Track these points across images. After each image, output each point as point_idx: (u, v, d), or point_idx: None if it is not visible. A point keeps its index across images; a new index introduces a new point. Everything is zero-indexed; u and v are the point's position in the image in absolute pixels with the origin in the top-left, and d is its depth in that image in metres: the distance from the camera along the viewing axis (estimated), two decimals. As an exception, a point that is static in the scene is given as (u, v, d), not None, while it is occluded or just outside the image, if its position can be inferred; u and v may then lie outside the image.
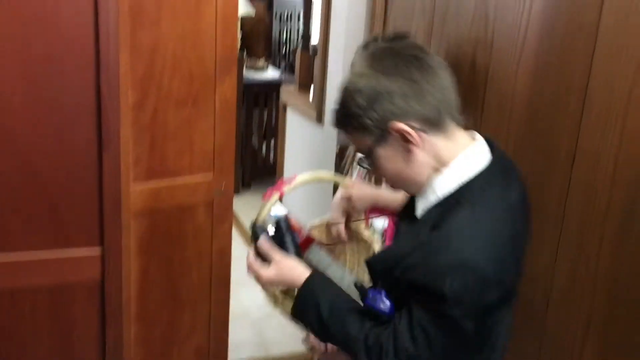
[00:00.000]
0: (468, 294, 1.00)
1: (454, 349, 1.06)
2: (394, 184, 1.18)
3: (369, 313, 1.14)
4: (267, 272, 1.28)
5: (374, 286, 1.18)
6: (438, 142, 1.09)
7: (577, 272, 1.55)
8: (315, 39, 3.42)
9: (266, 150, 5.19)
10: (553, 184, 1.59)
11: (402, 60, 1.07)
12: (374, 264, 1.20)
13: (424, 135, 1.07)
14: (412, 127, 1.05)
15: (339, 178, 1.80)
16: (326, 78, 2.94)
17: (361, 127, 1.09)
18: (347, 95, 1.10)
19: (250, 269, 1.31)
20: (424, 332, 1.04)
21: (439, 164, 1.10)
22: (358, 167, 2.01)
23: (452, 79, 1.11)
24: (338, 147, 2.72)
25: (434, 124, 1.07)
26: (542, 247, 1.61)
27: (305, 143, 3.41)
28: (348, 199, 1.82)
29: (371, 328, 1.13)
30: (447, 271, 1.01)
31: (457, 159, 1.09)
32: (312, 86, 3.47)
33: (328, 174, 1.77)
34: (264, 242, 1.30)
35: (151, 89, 1.80)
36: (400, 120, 1.05)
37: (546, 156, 1.61)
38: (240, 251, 2.04)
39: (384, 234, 1.94)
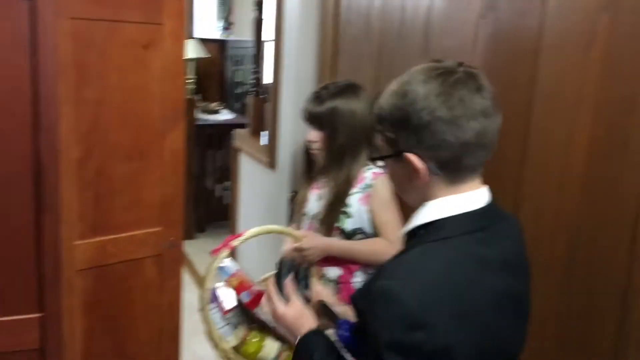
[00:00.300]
0: (392, 327, 0.96)
1: None
2: (395, 188, 1.18)
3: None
4: (285, 309, 1.30)
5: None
6: (441, 184, 1.06)
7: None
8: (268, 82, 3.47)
9: (221, 192, 5.15)
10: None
11: (450, 99, 1.01)
12: (355, 299, 1.17)
13: (432, 175, 1.04)
14: (425, 164, 1.03)
15: (288, 230, 1.80)
16: (278, 123, 2.95)
17: (382, 133, 1.07)
18: (386, 100, 1.06)
19: (270, 299, 1.33)
20: None
21: (431, 197, 1.07)
22: (308, 217, 2.00)
23: (494, 129, 1.06)
24: (291, 192, 2.72)
25: (449, 170, 1.04)
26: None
27: (259, 187, 3.40)
28: (299, 251, 1.82)
29: None
30: (375, 298, 0.99)
31: (445, 198, 1.06)
32: (264, 131, 3.48)
33: (277, 227, 1.78)
34: (289, 283, 1.32)
35: (96, 143, 1.77)
36: (417, 154, 1.03)
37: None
38: (195, 299, 1.99)
39: (338, 283, 1.92)
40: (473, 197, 1.07)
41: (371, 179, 1.88)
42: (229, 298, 1.75)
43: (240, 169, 3.71)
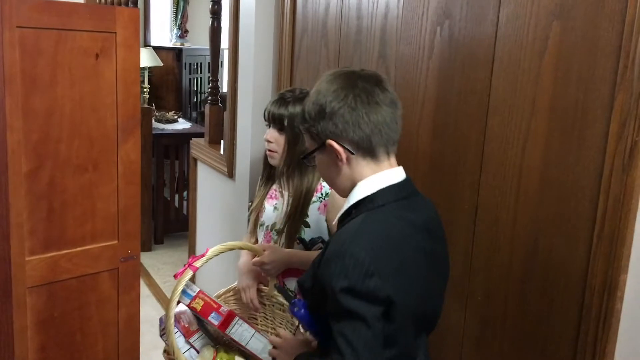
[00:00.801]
0: (349, 278, 1.10)
1: (371, 338, 1.11)
2: (327, 183, 1.35)
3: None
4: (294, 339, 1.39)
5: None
6: (362, 163, 1.24)
7: (485, 327, 1.58)
8: (224, 90, 3.42)
9: (179, 202, 5.07)
10: (459, 238, 1.63)
11: (353, 90, 1.22)
12: (303, 282, 1.30)
13: (351, 156, 1.23)
14: (343, 147, 1.22)
15: (249, 246, 1.77)
16: (236, 133, 2.92)
17: (308, 132, 1.27)
18: (307, 104, 1.27)
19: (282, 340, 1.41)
20: (344, 339, 1.11)
21: (358, 179, 1.25)
22: (264, 227, 1.98)
23: (396, 116, 1.25)
24: (250, 202, 2.69)
25: (363, 149, 1.23)
26: (450, 300, 1.64)
27: (217, 196, 3.35)
28: (260, 264, 1.79)
29: None
30: (330, 260, 1.14)
31: (370, 177, 1.24)
32: (222, 140, 3.43)
33: (239, 243, 1.75)
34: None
35: (48, 155, 1.71)
36: (336, 140, 1.22)
37: (450, 209, 1.65)
38: (153, 312, 1.94)
39: (297, 294, 1.91)
40: (393, 173, 1.26)
41: (328, 188, 1.86)
42: (191, 320, 1.71)
43: (198, 178, 3.66)
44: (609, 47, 1.27)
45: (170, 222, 4.91)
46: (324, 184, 1.86)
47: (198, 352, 1.67)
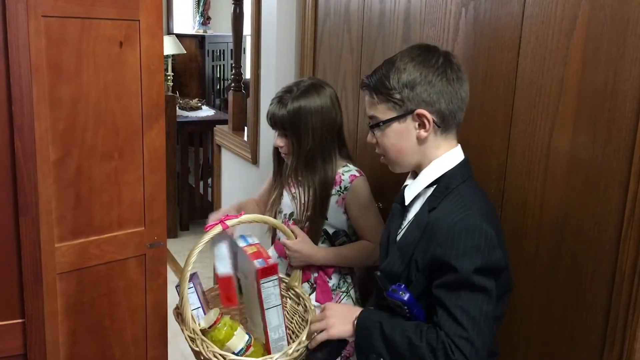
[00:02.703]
0: (480, 254, 1.17)
1: (490, 312, 1.19)
2: (387, 156, 1.36)
3: (391, 305, 1.28)
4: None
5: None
6: (438, 139, 1.31)
7: (513, 314, 1.57)
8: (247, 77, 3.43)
9: (204, 189, 5.11)
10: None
11: (449, 63, 1.29)
12: (390, 267, 1.33)
13: (436, 127, 1.29)
14: (432, 119, 1.27)
15: (283, 227, 1.73)
16: (259, 119, 2.92)
17: (389, 100, 1.29)
18: (392, 70, 1.29)
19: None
20: (463, 311, 1.16)
21: (429, 156, 1.32)
22: (281, 215, 1.97)
23: (468, 96, 1.33)
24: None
25: (446, 124, 1.30)
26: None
27: (242, 183, 3.37)
28: (285, 246, 1.78)
29: (426, 332, 1.21)
30: (458, 239, 1.17)
31: (443, 156, 1.31)
32: (245, 127, 3.44)
33: (273, 220, 1.70)
34: None
35: (74, 143, 1.73)
36: (427, 109, 1.27)
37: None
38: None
39: (313, 284, 1.90)
40: (459, 151, 1.35)
41: (348, 182, 1.85)
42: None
43: (222, 165, 3.68)
44: (639, 26, 1.23)
45: (195, 209, 4.96)
46: (344, 177, 1.84)
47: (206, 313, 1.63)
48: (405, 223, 1.38)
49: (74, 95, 1.71)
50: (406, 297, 1.26)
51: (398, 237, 1.38)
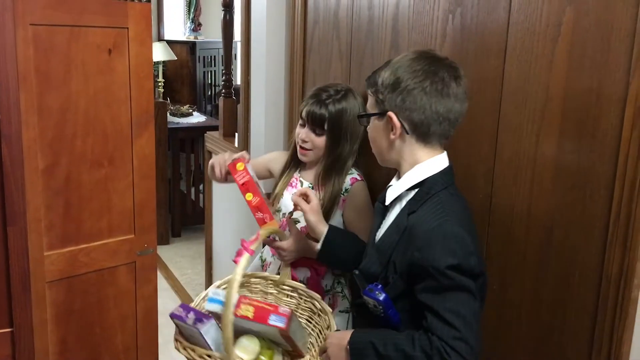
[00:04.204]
0: (457, 257, 1.19)
1: (477, 309, 1.23)
2: (372, 148, 1.42)
3: (367, 305, 1.31)
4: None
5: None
6: (415, 146, 1.33)
7: (501, 317, 1.57)
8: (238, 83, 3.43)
9: (195, 195, 5.10)
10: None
11: (434, 76, 1.29)
12: (368, 268, 1.37)
13: (405, 135, 1.32)
14: (401, 124, 1.30)
15: (279, 231, 1.73)
16: (249, 125, 2.93)
17: (375, 96, 1.35)
18: (385, 68, 1.33)
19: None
20: (452, 312, 1.18)
21: (409, 160, 1.34)
22: (279, 214, 1.97)
23: (462, 113, 1.35)
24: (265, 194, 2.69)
25: (419, 133, 1.32)
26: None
27: (233, 189, 3.36)
28: (279, 248, 1.75)
29: (419, 340, 1.22)
30: (436, 244, 1.20)
31: (426, 161, 1.34)
32: (236, 133, 3.44)
33: (273, 227, 1.68)
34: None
35: (63, 151, 1.74)
36: (397, 114, 1.30)
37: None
38: (172, 305, 1.95)
39: (306, 284, 1.86)
40: (443, 158, 1.37)
41: (349, 184, 1.86)
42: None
43: (213, 171, 3.67)
44: (623, 32, 1.24)
45: (187, 215, 4.95)
46: (345, 179, 1.87)
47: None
48: (385, 224, 1.40)
49: (63, 103, 1.71)
50: (382, 297, 1.28)
51: (377, 238, 1.40)
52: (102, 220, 1.85)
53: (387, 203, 1.39)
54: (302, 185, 1.94)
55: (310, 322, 1.67)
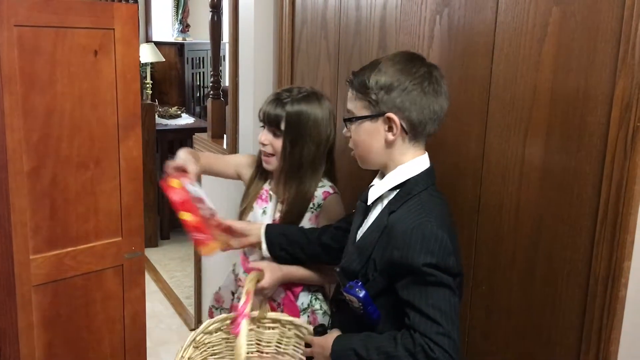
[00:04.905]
0: (436, 256, 1.20)
1: (457, 305, 1.23)
2: (356, 151, 1.40)
3: (347, 300, 1.33)
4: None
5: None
6: (406, 145, 1.35)
7: (490, 318, 1.58)
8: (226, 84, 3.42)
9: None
10: (462, 228, 1.62)
11: (428, 75, 1.32)
12: (348, 265, 1.37)
13: (403, 134, 1.32)
14: (401, 125, 1.30)
15: (251, 280, 1.60)
16: (238, 126, 2.92)
17: (366, 98, 1.33)
18: (375, 70, 1.32)
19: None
20: (434, 308, 1.18)
21: (395, 160, 1.35)
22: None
23: (446, 110, 1.36)
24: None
25: (414, 132, 1.33)
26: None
27: (222, 190, 3.35)
28: (261, 290, 1.66)
29: (401, 339, 1.22)
30: (409, 239, 1.22)
31: (409, 162, 1.35)
32: (225, 134, 3.43)
33: (254, 275, 1.61)
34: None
35: (49, 153, 1.72)
36: (397, 115, 1.30)
37: (452, 199, 1.64)
38: (160, 307, 1.94)
39: (280, 304, 1.80)
40: (425, 158, 1.38)
41: (322, 199, 1.78)
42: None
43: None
44: (609, 32, 1.25)
45: (176, 218, 4.89)
46: (317, 193, 1.78)
47: None
48: (367, 223, 1.41)
49: (48, 106, 1.69)
50: (362, 294, 1.29)
51: (358, 237, 1.42)
52: (88, 223, 1.84)
53: (369, 203, 1.39)
54: (271, 199, 1.84)
55: (298, 350, 1.63)
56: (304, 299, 1.81)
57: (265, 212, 1.84)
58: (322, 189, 1.79)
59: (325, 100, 1.80)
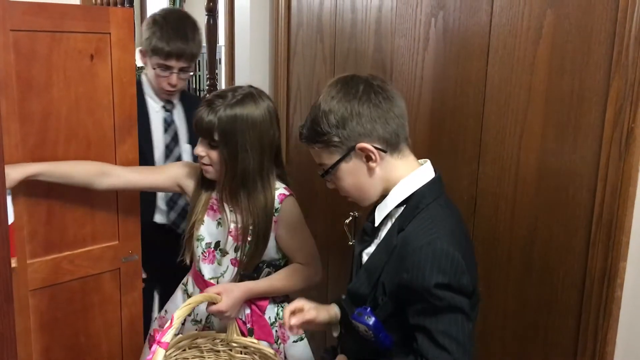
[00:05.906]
0: (448, 275, 1.12)
1: (470, 330, 1.16)
2: (350, 195, 1.31)
3: (356, 330, 1.26)
4: None
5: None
6: (393, 161, 1.25)
7: (487, 318, 1.58)
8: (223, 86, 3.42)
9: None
10: (458, 230, 1.63)
11: (370, 88, 1.24)
12: (357, 289, 1.29)
13: (383, 154, 1.23)
14: (375, 147, 1.22)
15: (207, 296, 1.56)
16: (234, 129, 2.92)
17: (329, 144, 1.24)
18: (320, 115, 1.24)
19: None
20: (445, 335, 1.12)
21: (393, 179, 1.26)
22: (202, 243, 1.72)
23: (406, 109, 1.27)
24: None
25: (392, 146, 1.24)
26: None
27: (219, 194, 3.36)
28: (219, 313, 1.60)
29: None
30: (425, 264, 1.12)
31: (411, 174, 1.25)
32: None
33: (199, 297, 1.54)
34: None
35: (45, 158, 1.71)
36: (366, 141, 1.22)
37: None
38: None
39: (246, 322, 1.72)
40: (428, 168, 1.28)
41: (278, 202, 1.65)
42: None
43: (199, 176, 3.66)
44: (603, 34, 1.26)
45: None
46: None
47: None
48: (375, 243, 1.31)
49: (45, 110, 1.69)
50: (371, 321, 1.22)
51: (366, 258, 1.32)
52: (85, 227, 1.83)
53: (376, 224, 1.29)
54: (223, 209, 1.69)
55: None
56: (270, 312, 1.73)
57: (221, 223, 1.70)
58: (277, 191, 1.67)
59: (263, 99, 1.63)
